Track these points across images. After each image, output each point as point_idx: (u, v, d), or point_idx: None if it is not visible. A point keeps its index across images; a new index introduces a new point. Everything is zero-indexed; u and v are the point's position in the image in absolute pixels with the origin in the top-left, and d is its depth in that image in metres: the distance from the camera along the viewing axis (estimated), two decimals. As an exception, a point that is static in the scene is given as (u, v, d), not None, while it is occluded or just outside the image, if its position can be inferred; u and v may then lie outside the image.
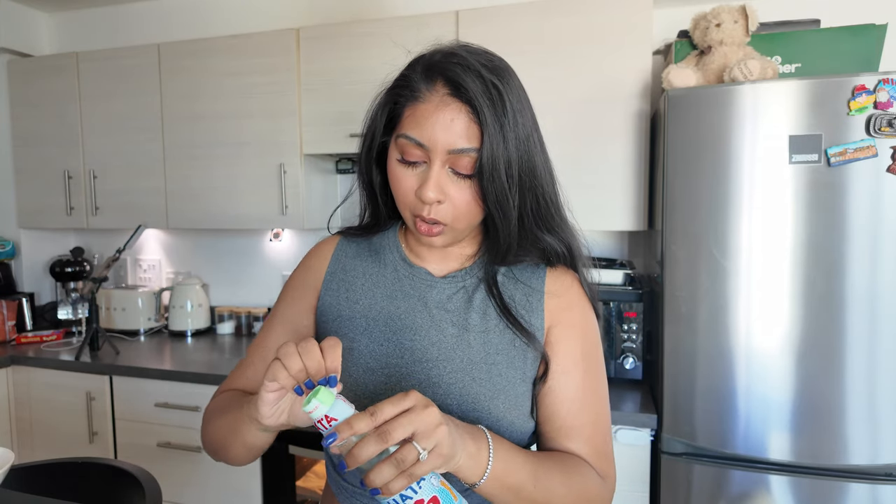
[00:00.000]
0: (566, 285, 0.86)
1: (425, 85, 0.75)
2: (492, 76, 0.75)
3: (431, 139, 0.73)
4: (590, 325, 0.86)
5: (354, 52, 2.15)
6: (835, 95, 1.46)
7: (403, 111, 0.77)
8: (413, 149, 0.74)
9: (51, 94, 2.64)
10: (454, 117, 0.73)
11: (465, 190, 0.75)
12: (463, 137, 0.73)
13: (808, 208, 1.50)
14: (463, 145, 0.73)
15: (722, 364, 1.58)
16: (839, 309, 1.50)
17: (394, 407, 0.59)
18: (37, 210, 2.72)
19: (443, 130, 0.73)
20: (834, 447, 1.52)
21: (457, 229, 0.79)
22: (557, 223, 0.83)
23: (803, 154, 1.49)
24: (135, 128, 2.52)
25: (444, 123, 0.73)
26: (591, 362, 0.84)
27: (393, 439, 0.57)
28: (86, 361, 2.29)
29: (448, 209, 0.76)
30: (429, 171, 0.74)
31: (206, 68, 2.39)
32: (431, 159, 0.74)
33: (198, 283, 2.72)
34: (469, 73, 0.74)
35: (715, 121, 1.55)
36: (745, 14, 1.67)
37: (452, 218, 0.77)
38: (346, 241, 0.93)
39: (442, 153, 0.73)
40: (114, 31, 2.88)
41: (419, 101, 0.75)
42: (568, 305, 0.84)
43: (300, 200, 2.32)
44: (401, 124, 0.77)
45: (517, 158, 0.75)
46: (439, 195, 0.74)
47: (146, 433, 2.22)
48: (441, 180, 0.74)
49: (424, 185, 0.74)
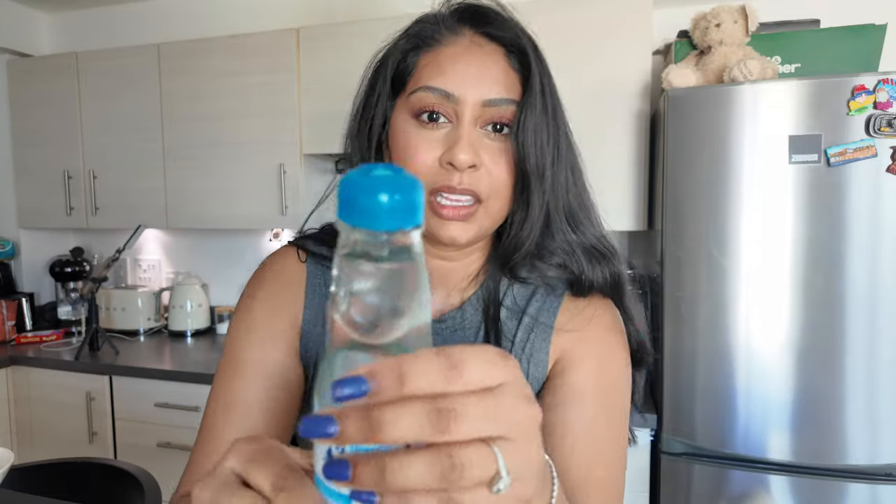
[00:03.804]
0: (585, 319, 0.67)
1: (448, 28, 0.62)
2: (525, 28, 0.63)
3: (461, 86, 0.58)
4: (612, 360, 0.66)
5: (354, 52, 2.15)
6: (834, 95, 1.46)
7: (417, 62, 0.62)
8: (435, 102, 0.59)
9: (50, 94, 2.64)
10: (488, 61, 0.59)
11: (499, 156, 0.60)
12: (500, 85, 0.59)
13: (807, 208, 1.50)
14: (501, 94, 0.59)
15: (722, 364, 1.58)
16: (839, 309, 1.50)
17: (479, 371, 0.27)
18: (37, 210, 2.72)
19: (475, 76, 0.58)
20: (834, 447, 1.52)
21: (490, 212, 0.61)
22: (590, 229, 0.67)
23: (803, 154, 1.49)
24: (134, 128, 2.52)
25: (476, 67, 0.59)
26: (610, 402, 0.64)
27: (459, 432, 0.26)
28: (85, 361, 2.29)
29: (483, 177, 0.59)
30: (458, 129, 0.58)
31: (206, 68, 2.39)
32: (459, 115, 0.59)
33: (197, 283, 2.72)
34: (501, 15, 0.62)
35: (715, 121, 1.55)
36: (744, 14, 1.67)
37: (489, 189, 0.60)
38: (318, 268, 0.70)
39: (474, 105, 0.58)
40: (113, 31, 2.88)
41: (442, 45, 0.61)
42: (583, 336, 0.66)
43: (300, 200, 2.31)
44: (415, 77, 0.61)
45: (555, 129, 0.62)
46: (473, 157, 0.58)
47: (146, 433, 2.21)
48: (474, 140, 0.59)
49: (456, 145, 0.57)
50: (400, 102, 0.62)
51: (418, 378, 0.26)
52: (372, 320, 0.29)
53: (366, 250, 0.29)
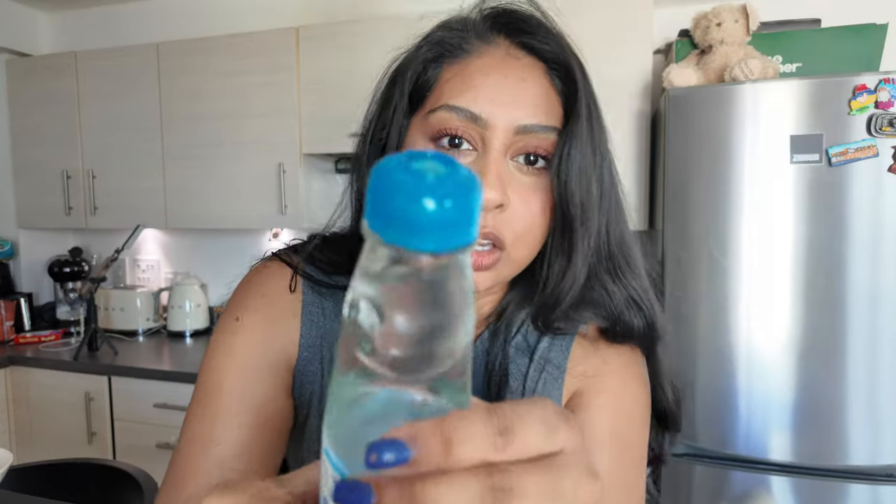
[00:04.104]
0: (600, 360, 0.58)
1: (479, 36, 0.52)
2: (570, 41, 0.54)
3: (491, 108, 0.48)
4: (630, 399, 0.58)
5: (355, 52, 2.14)
6: (835, 95, 1.46)
7: (439, 74, 0.52)
8: (459, 125, 0.49)
9: (50, 94, 2.63)
10: (526, 78, 0.50)
11: (530, 194, 0.50)
12: (539, 108, 0.49)
13: (808, 208, 1.50)
14: (539, 119, 0.49)
15: (722, 364, 1.58)
16: (840, 309, 1.49)
17: (536, 436, 0.24)
18: (35, 210, 2.72)
19: (509, 96, 0.49)
20: (835, 447, 1.51)
21: (513, 259, 0.51)
22: (633, 279, 0.58)
23: (804, 154, 1.49)
24: (134, 127, 2.51)
25: (511, 85, 0.49)
26: (626, 450, 0.56)
27: None
28: (84, 362, 2.28)
29: (511, 220, 0.49)
30: (485, 159, 0.49)
31: (206, 68, 2.38)
32: (487, 142, 0.49)
33: (196, 284, 2.71)
34: (543, 24, 0.53)
35: (715, 120, 1.54)
36: (745, 13, 1.67)
37: (515, 235, 0.50)
38: (315, 297, 0.61)
39: (506, 131, 0.48)
40: (113, 31, 2.87)
41: (471, 56, 0.51)
42: (599, 373, 0.58)
43: (299, 200, 2.31)
44: (436, 93, 0.51)
45: (601, 162, 0.53)
46: (501, 195, 0.48)
47: (145, 434, 2.20)
48: (503, 174, 0.49)
49: (482, 181, 0.44)
50: (416, 121, 0.53)
51: (466, 444, 0.22)
52: (408, 357, 0.23)
53: (401, 271, 0.22)
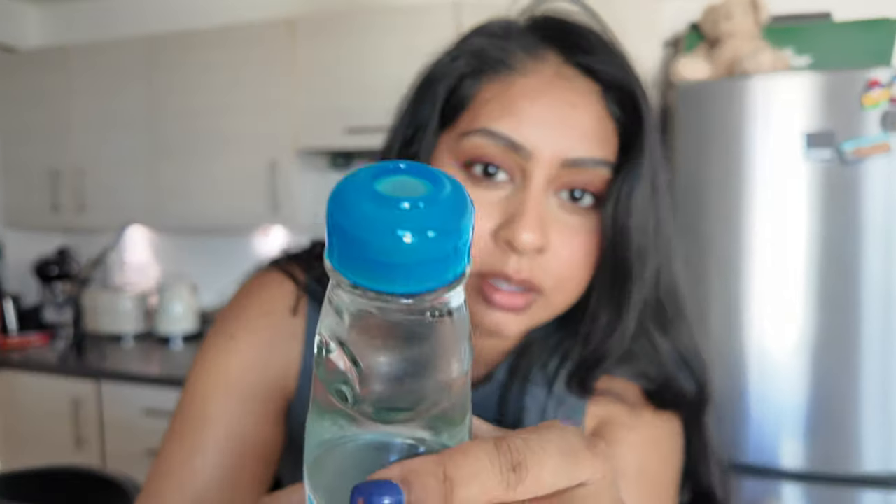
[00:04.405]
0: (619, 421, 0.51)
1: (525, 49, 0.46)
2: (632, 61, 0.47)
3: (536, 136, 0.42)
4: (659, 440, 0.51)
5: (351, 43, 2.08)
6: (848, 90, 1.42)
7: (477, 92, 0.45)
8: (496, 153, 0.43)
9: (37, 90, 2.56)
10: (578, 103, 0.44)
11: (573, 236, 0.45)
12: (591, 139, 0.43)
13: (822, 206, 1.46)
14: (591, 152, 0.43)
15: (733, 367, 1.53)
16: (854, 309, 1.45)
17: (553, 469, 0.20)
18: (22, 208, 2.65)
19: (558, 123, 0.43)
20: (848, 452, 1.47)
21: (550, 305, 0.46)
22: (683, 333, 0.53)
23: (817, 150, 1.45)
24: (123, 123, 2.45)
25: (561, 111, 0.43)
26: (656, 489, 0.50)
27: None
28: (72, 366, 2.22)
29: (551, 265, 0.44)
30: (523, 194, 0.43)
31: (198, 61, 2.32)
32: (528, 174, 0.43)
33: (186, 285, 2.65)
34: (602, 40, 0.47)
35: (726, 115, 1.50)
36: (755, 6, 1.64)
37: (554, 282, 0.45)
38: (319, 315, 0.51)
39: (551, 163, 0.43)
40: (103, 23, 2.80)
41: (514, 74, 0.45)
42: (622, 422, 0.51)
43: (294, 197, 2.25)
44: (471, 113, 0.45)
45: (659, 202, 0.48)
46: (540, 238, 0.42)
47: (134, 440, 2.14)
48: (544, 212, 0.43)
49: (519, 218, 0.42)
50: (447, 140, 0.46)
51: (471, 483, 0.18)
52: (391, 399, 0.19)
53: (374, 314, 0.18)
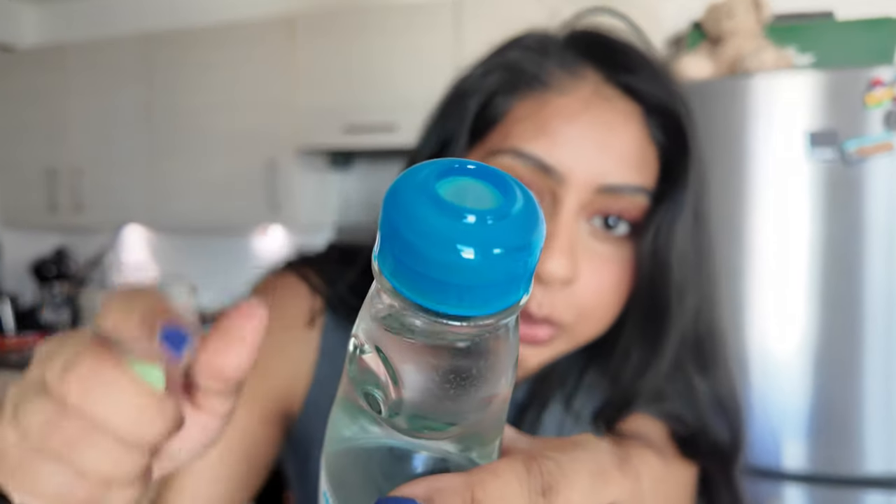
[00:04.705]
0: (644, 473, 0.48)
1: (562, 66, 0.43)
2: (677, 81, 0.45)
3: (571, 160, 0.39)
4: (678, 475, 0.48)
5: (351, 42, 2.07)
6: (851, 89, 1.41)
7: (508, 109, 0.43)
8: (527, 175, 0.40)
9: (34, 88, 2.55)
10: (616, 125, 0.41)
11: (604, 266, 0.42)
12: (629, 164, 0.41)
13: (824, 205, 1.45)
14: (629, 178, 0.41)
15: (735, 367, 1.53)
16: (857, 310, 1.45)
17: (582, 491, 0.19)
18: (19, 208, 2.64)
19: (595, 146, 0.40)
20: (851, 453, 1.47)
21: (574, 338, 0.44)
22: (722, 373, 0.49)
23: (819, 149, 1.44)
24: (121, 122, 2.44)
25: (599, 133, 0.40)
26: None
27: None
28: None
29: (577, 298, 0.41)
30: (554, 220, 0.40)
31: (197, 59, 2.31)
32: (559, 199, 0.40)
33: (185, 286, 2.64)
34: (644, 58, 0.44)
35: (728, 113, 1.49)
36: (758, 4, 1.64)
37: (579, 314, 0.42)
38: (337, 323, 0.50)
39: (585, 188, 0.40)
40: (100, 22, 2.79)
41: (550, 92, 0.42)
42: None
43: (293, 197, 2.24)
44: (502, 131, 0.42)
45: (701, 232, 0.45)
46: (569, 267, 0.39)
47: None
48: (574, 240, 0.40)
49: (547, 248, 0.39)
50: (474, 157, 0.43)
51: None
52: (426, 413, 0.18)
53: (421, 330, 0.17)
